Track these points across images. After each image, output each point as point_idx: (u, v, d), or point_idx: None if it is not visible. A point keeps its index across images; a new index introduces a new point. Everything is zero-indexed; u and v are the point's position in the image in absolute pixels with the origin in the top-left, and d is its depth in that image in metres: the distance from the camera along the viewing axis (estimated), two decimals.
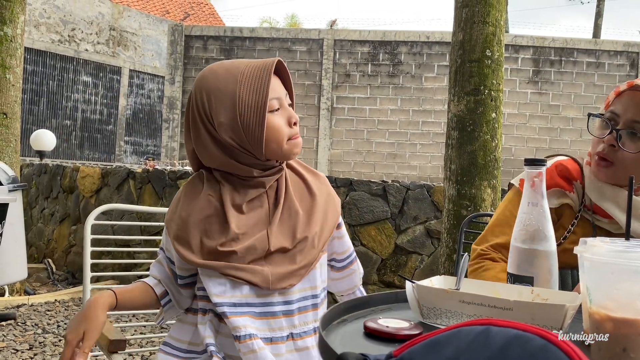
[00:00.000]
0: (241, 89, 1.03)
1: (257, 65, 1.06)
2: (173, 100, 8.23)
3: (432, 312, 0.83)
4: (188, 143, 1.13)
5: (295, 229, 1.09)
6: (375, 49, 8.05)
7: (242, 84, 1.03)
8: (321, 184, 1.19)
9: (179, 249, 1.07)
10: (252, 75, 1.04)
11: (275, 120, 1.05)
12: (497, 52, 2.94)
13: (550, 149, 7.65)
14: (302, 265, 1.09)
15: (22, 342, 3.16)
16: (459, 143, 2.94)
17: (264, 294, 1.06)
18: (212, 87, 1.05)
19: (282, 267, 1.07)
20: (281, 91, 1.08)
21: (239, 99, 1.02)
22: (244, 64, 1.06)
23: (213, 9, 18.39)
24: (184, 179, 4.50)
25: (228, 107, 1.03)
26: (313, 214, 1.12)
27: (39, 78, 12.64)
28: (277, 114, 1.06)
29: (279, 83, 1.09)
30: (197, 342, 1.10)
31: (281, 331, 1.07)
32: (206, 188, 1.09)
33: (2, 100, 3.80)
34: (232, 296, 1.05)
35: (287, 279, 1.07)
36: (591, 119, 1.26)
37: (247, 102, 1.02)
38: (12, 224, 2.94)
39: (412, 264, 4.09)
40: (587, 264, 0.66)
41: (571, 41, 7.85)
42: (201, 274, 1.08)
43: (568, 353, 0.47)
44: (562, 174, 1.27)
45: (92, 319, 1.02)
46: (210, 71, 1.07)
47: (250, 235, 1.06)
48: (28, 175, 5.91)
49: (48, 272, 4.99)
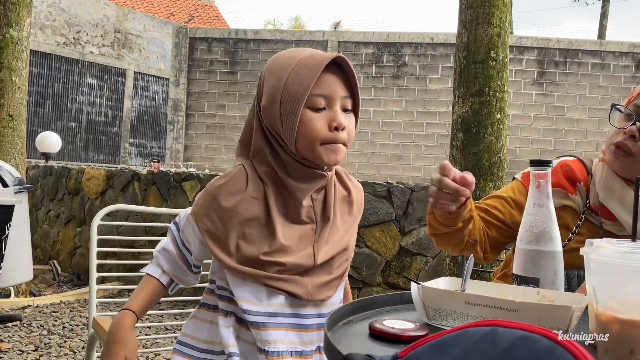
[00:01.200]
0: (290, 76, 0.97)
1: (315, 55, 0.99)
2: (177, 102, 8.25)
3: (438, 313, 0.83)
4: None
5: (335, 242, 1.07)
6: (380, 50, 8.06)
7: (293, 71, 0.97)
8: (359, 195, 1.16)
9: (214, 249, 1.01)
10: (305, 65, 0.97)
11: (311, 118, 0.97)
12: (501, 54, 2.93)
13: (555, 150, 7.63)
14: (337, 275, 1.08)
15: (27, 343, 3.17)
16: (464, 144, 2.93)
17: (298, 304, 1.03)
18: (270, 68, 1.02)
19: (320, 277, 1.05)
20: (337, 91, 0.99)
21: (285, 85, 0.97)
22: (306, 52, 1.00)
23: (217, 11, 18.44)
24: (188, 180, 4.51)
25: (274, 90, 0.99)
26: (350, 227, 1.12)
27: (45, 80, 12.70)
28: (319, 112, 0.98)
29: (338, 82, 0.99)
30: (215, 341, 1.06)
31: (311, 345, 1.04)
32: (251, 188, 1.02)
33: (8, 103, 3.82)
34: (268, 305, 1.01)
35: (325, 291, 1.05)
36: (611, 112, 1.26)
37: (290, 90, 0.97)
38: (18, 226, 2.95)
39: (416, 265, 4.09)
40: (594, 265, 0.66)
41: (576, 42, 7.83)
42: (232, 277, 1.02)
43: (575, 354, 0.47)
44: (567, 175, 1.26)
45: (128, 344, 1.05)
46: (277, 54, 1.04)
47: (296, 250, 1.02)
48: (34, 177, 5.93)
49: (53, 273, 5.01)
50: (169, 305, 4.04)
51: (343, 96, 1.00)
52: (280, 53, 1.04)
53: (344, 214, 1.11)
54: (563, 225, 1.26)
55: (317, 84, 0.97)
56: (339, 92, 0.99)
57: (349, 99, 1.01)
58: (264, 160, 1.03)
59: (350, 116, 1.02)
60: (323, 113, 0.98)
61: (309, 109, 0.97)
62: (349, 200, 1.12)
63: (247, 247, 1.00)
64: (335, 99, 0.99)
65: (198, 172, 4.62)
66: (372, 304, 0.92)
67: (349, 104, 1.01)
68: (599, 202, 1.24)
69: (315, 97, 0.97)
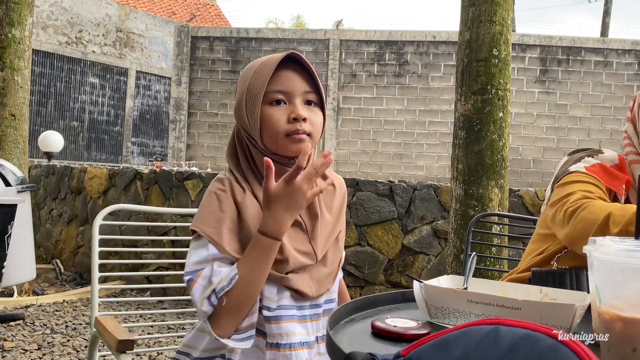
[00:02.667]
0: (252, 77, 1.04)
1: (274, 56, 1.05)
2: (180, 102, 8.26)
3: (440, 311, 0.83)
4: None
5: (329, 235, 1.10)
6: (382, 48, 8.04)
7: (255, 72, 1.05)
8: (340, 182, 1.20)
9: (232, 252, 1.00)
10: (264, 65, 1.04)
11: (270, 113, 1.03)
12: (504, 51, 2.93)
13: (558, 149, 7.61)
14: (333, 267, 1.11)
15: (30, 342, 3.18)
16: (466, 143, 2.93)
17: (301, 298, 1.06)
18: (241, 75, 1.09)
19: (319, 272, 1.08)
20: (295, 86, 1.04)
21: (248, 86, 1.04)
22: (271, 56, 1.06)
23: (219, 10, 18.43)
24: (190, 179, 4.51)
25: (240, 93, 1.07)
26: (339, 216, 1.15)
27: (47, 80, 12.71)
28: (278, 107, 1.04)
29: (297, 78, 1.05)
30: (213, 347, 1.07)
31: (312, 334, 1.07)
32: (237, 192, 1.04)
33: (11, 102, 3.83)
34: (279, 299, 1.03)
35: (325, 284, 1.08)
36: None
37: (251, 89, 1.04)
38: (21, 225, 2.96)
39: (419, 264, 4.08)
40: (597, 263, 0.66)
41: (579, 40, 7.81)
42: None
43: (578, 353, 0.47)
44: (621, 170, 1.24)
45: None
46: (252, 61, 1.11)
47: (294, 249, 1.04)
48: (36, 176, 5.95)
49: (56, 272, 5.02)
50: (172, 304, 4.05)
51: (304, 91, 1.05)
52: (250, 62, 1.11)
53: (330, 204, 1.14)
54: None
55: (275, 81, 1.03)
56: (298, 87, 1.04)
57: (312, 94, 1.06)
58: (243, 162, 1.08)
59: (315, 110, 1.07)
60: (283, 107, 1.04)
61: (268, 105, 1.03)
62: (331, 189, 1.15)
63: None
64: (294, 93, 1.04)
65: (200, 171, 4.62)
66: (374, 302, 0.92)
67: (312, 98, 1.06)
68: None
69: (273, 93, 1.03)
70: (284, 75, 1.04)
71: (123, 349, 1.31)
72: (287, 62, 1.05)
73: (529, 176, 7.62)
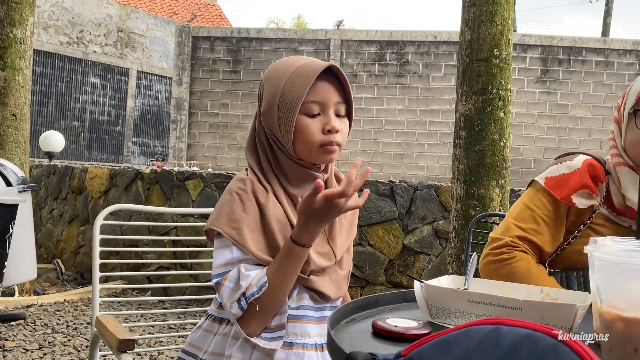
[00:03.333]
0: (287, 84, 1.04)
1: (310, 64, 1.05)
2: (180, 101, 8.26)
3: (441, 311, 0.83)
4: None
5: (345, 237, 1.14)
6: (382, 49, 8.04)
7: (289, 79, 1.04)
8: None
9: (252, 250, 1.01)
10: (300, 73, 1.03)
11: (306, 123, 1.04)
12: (505, 52, 2.93)
13: (559, 149, 7.61)
14: (347, 271, 1.15)
15: (31, 341, 3.18)
16: (467, 143, 2.93)
17: (319, 300, 1.09)
18: (269, 76, 1.08)
19: (336, 274, 1.11)
20: (330, 97, 1.05)
21: (282, 93, 1.04)
22: (302, 61, 1.06)
23: (220, 10, 18.44)
24: (191, 179, 4.51)
25: (272, 98, 1.05)
26: (353, 221, 1.19)
27: (48, 80, 12.72)
28: (314, 118, 1.04)
29: (331, 89, 1.05)
30: (217, 352, 1.07)
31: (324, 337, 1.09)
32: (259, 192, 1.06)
33: (12, 102, 3.83)
34: (298, 300, 1.06)
35: (342, 287, 1.13)
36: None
37: (287, 97, 1.03)
38: (22, 225, 2.96)
39: (419, 264, 4.08)
40: (598, 263, 0.66)
41: (580, 40, 7.80)
42: None
43: (579, 353, 0.47)
44: (592, 174, 1.25)
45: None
46: (276, 62, 1.11)
47: (315, 250, 1.06)
48: (37, 176, 5.95)
49: (57, 272, 5.02)
50: (173, 304, 4.05)
51: (336, 102, 1.06)
52: (278, 61, 1.10)
53: None
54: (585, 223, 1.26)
55: (312, 91, 1.03)
56: (332, 98, 1.05)
57: (342, 105, 1.07)
58: (264, 162, 1.09)
59: (344, 120, 1.09)
60: (318, 118, 1.05)
61: (304, 115, 1.04)
62: None
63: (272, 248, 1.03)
64: (329, 104, 1.05)
65: (201, 171, 4.62)
66: (375, 302, 0.92)
67: (342, 110, 1.07)
68: (624, 204, 1.22)
69: (309, 103, 1.04)
70: (320, 85, 1.04)
71: (124, 349, 1.31)
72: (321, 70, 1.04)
73: (529, 176, 7.60)
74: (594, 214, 1.24)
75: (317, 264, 1.05)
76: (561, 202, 1.24)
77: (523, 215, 1.26)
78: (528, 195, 1.29)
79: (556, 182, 1.25)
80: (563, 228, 1.26)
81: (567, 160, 1.28)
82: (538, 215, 1.25)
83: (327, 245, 1.09)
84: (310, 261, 1.04)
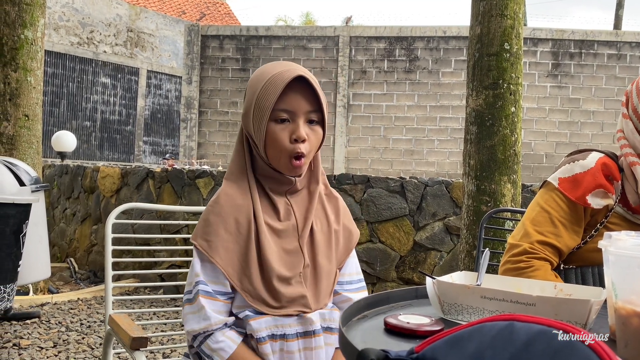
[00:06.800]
0: (261, 91, 1.08)
1: (283, 73, 1.07)
2: (190, 100, 8.29)
3: (453, 308, 0.82)
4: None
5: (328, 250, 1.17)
6: (392, 44, 8.01)
7: (264, 86, 1.08)
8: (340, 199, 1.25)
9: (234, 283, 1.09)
10: (273, 82, 1.07)
11: (275, 130, 1.08)
12: (515, 45, 2.90)
13: (571, 143, 7.53)
14: (331, 282, 1.16)
15: (46, 340, 3.21)
16: (478, 138, 2.91)
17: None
18: (251, 81, 1.14)
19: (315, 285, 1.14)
20: (300, 106, 1.08)
21: (256, 99, 1.09)
22: (278, 68, 1.09)
23: (229, 9, 18.47)
24: (202, 178, 4.53)
25: (249, 102, 1.11)
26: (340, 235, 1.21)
27: (59, 80, 12.82)
28: (282, 125, 1.08)
29: (302, 98, 1.08)
30: None
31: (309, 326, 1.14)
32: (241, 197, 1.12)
33: (24, 103, 3.87)
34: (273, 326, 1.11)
35: (323, 299, 1.14)
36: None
37: (260, 104, 1.08)
38: (36, 224, 2.99)
39: (431, 260, 4.07)
40: (612, 258, 0.65)
41: (591, 33, 7.71)
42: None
43: (594, 348, 0.46)
44: (606, 173, 1.22)
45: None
46: (259, 67, 1.15)
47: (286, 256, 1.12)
48: (50, 176, 6.01)
49: (71, 271, 5.07)
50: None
51: (307, 110, 1.09)
52: (261, 67, 1.15)
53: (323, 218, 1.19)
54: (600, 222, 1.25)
55: (282, 100, 1.07)
56: (303, 107, 1.08)
57: (314, 113, 1.10)
58: (248, 161, 1.15)
59: (316, 127, 1.11)
60: (287, 125, 1.08)
61: (274, 122, 1.08)
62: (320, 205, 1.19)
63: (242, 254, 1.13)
64: (298, 113, 1.08)
65: (211, 169, 4.64)
66: (387, 299, 0.92)
67: (314, 117, 1.10)
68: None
69: (279, 111, 1.07)
70: (291, 94, 1.07)
71: (137, 347, 1.32)
72: (295, 79, 1.08)
73: (541, 171, 7.55)
74: (609, 213, 1.23)
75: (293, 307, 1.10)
76: (576, 203, 1.22)
77: (540, 219, 1.24)
78: (543, 197, 1.27)
79: (570, 183, 1.23)
80: (582, 228, 1.24)
81: (579, 159, 1.25)
82: (555, 217, 1.23)
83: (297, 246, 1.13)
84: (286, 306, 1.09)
